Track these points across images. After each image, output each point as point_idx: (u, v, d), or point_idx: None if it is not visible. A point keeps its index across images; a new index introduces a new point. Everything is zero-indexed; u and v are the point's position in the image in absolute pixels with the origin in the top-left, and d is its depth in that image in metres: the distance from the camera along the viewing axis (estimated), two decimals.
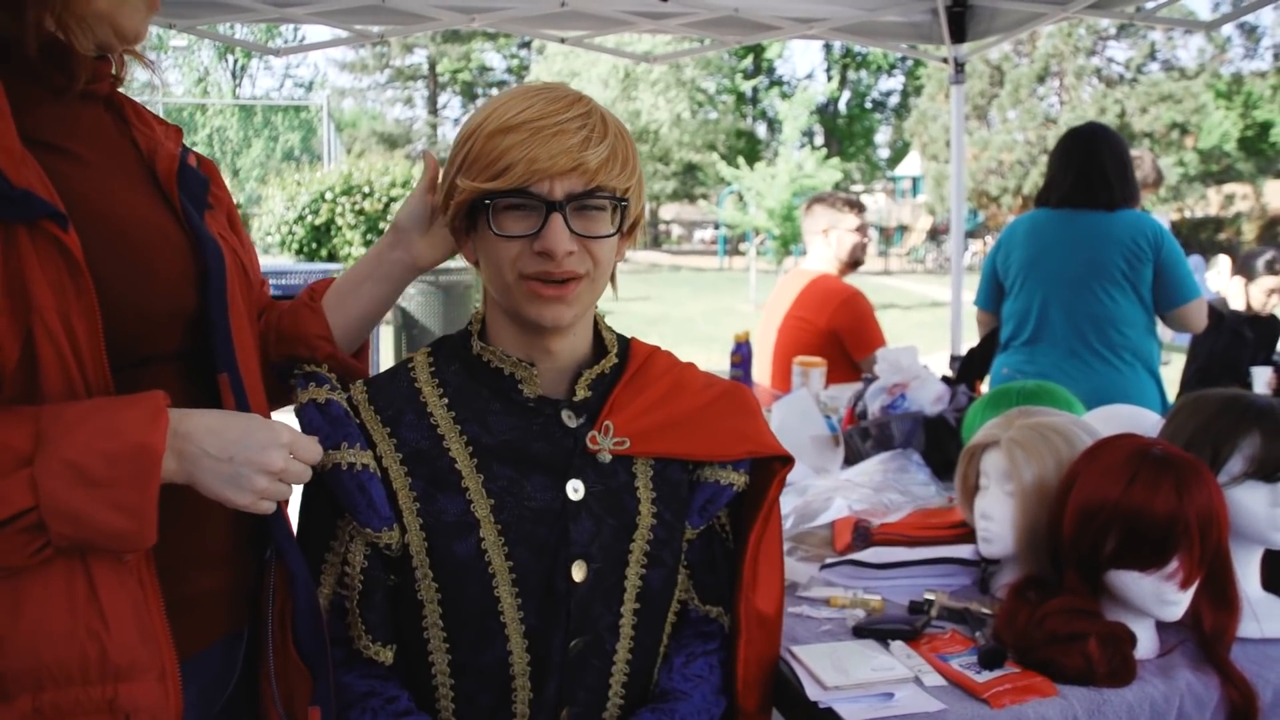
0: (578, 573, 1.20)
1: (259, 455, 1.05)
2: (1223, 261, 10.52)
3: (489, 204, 1.15)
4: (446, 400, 1.23)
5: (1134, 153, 4.84)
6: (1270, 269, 4.41)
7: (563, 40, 4.51)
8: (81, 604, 1.01)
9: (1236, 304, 4.47)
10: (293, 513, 1.20)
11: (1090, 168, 3.05)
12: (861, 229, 3.75)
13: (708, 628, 1.37)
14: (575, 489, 1.21)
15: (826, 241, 3.71)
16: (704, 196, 26.99)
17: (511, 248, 1.16)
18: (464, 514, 1.19)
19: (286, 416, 1.20)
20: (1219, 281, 9.96)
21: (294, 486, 1.12)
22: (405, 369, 1.27)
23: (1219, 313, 4.32)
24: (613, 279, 1.26)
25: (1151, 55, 26.07)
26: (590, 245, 1.17)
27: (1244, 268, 4.49)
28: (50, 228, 0.99)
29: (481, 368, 1.24)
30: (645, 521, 1.25)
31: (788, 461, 1.34)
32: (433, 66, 37.46)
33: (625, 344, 1.33)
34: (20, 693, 0.99)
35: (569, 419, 1.24)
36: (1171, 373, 3.61)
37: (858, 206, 3.75)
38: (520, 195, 1.13)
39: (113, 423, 0.98)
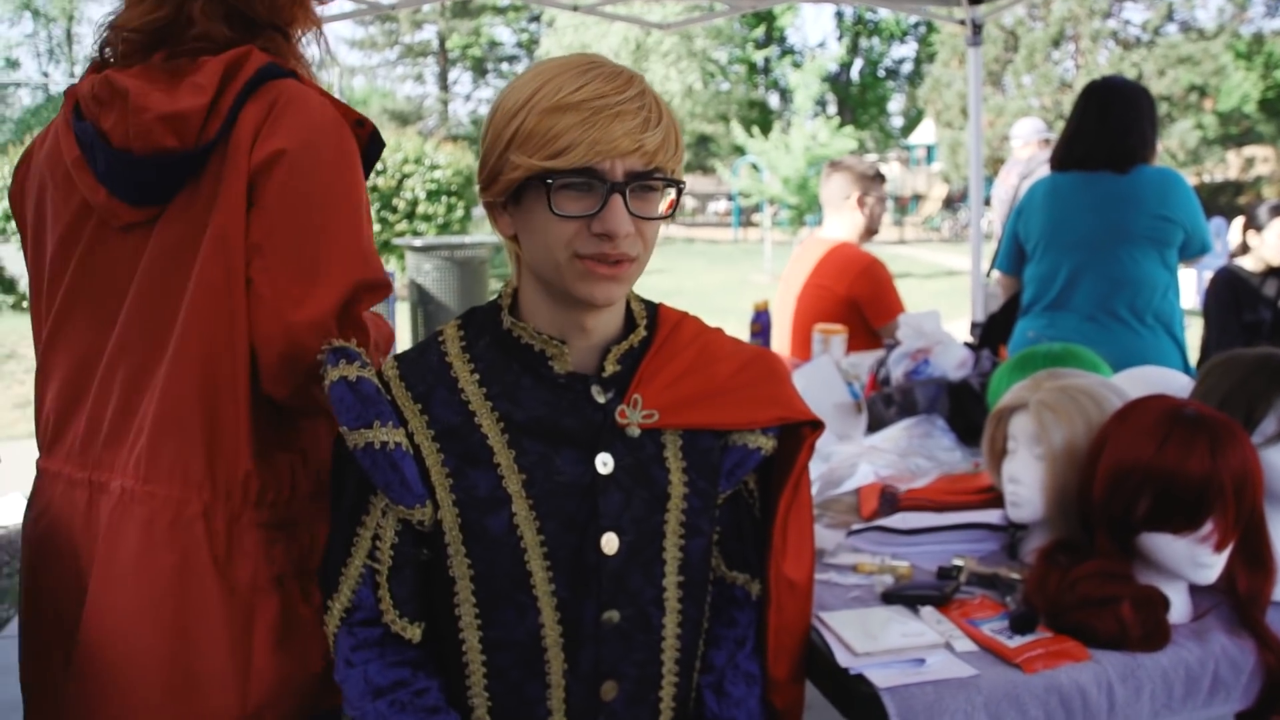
0: (608, 545, 1.19)
1: None
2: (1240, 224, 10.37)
3: (550, 183, 1.12)
4: (478, 376, 1.22)
5: None
6: (1276, 212, 4.19)
7: (575, 8, 4.46)
8: None
9: (1248, 263, 4.27)
10: None
11: (1105, 127, 3.00)
12: (883, 199, 3.75)
13: (736, 594, 1.35)
14: (604, 463, 1.20)
15: (852, 210, 3.68)
16: (717, 168, 26.88)
17: (567, 228, 1.13)
18: (496, 489, 1.18)
19: None
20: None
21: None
22: (436, 343, 1.26)
23: (1237, 276, 4.23)
24: None
25: (1169, 16, 25.64)
26: (642, 227, 1.15)
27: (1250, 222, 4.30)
28: None
29: (512, 343, 1.23)
30: (678, 491, 1.24)
31: (818, 427, 1.32)
32: (442, 42, 37.20)
33: (654, 312, 1.31)
34: None
35: (598, 394, 1.22)
36: (1193, 337, 3.55)
37: (881, 176, 3.74)
38: (582, 174, 1.11)
39: None
